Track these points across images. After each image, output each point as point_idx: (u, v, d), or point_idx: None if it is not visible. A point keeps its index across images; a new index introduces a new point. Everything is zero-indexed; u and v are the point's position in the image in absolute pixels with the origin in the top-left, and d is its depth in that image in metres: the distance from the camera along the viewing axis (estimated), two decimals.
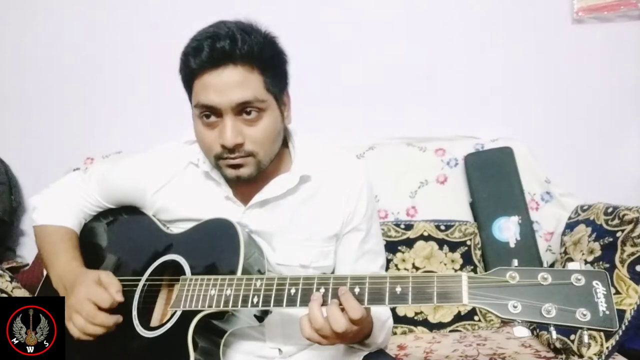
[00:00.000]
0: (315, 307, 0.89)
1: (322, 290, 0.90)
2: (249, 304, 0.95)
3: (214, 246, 1.08)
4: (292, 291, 0.92)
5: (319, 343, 0.91)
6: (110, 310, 1.04)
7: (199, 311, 1.00)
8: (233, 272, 1.01)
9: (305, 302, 0.91)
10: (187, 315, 1.01)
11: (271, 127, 1.05)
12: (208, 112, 1.02)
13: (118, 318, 1.04)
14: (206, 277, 1.02)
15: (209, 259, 1.07)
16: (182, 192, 1.18)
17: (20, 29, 2.15)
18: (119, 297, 1.05)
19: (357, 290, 0.88)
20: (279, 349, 1.17)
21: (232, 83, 0.98)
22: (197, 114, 1.04)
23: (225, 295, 0.98)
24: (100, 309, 1.03)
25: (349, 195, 1.15)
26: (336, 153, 1.21)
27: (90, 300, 1.03)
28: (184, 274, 1.07)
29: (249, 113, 1.01)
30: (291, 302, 0.92)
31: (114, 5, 2.11)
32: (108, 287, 1.05)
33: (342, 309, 0.87)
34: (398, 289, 0.85)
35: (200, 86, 1.00)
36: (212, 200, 1.15)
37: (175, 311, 1.03)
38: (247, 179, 1.06)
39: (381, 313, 1.11)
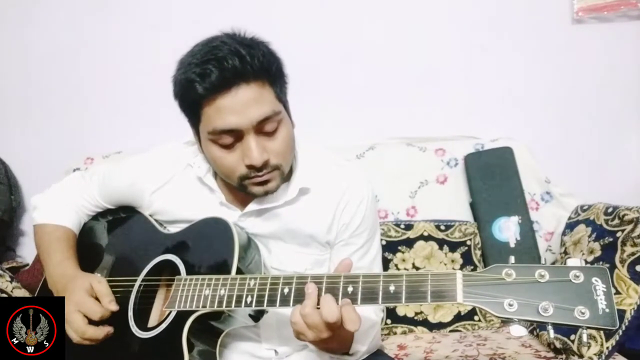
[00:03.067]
0: (311, 297, 0.87)
1: None
2: (243, 304, 0.94)
3: (209, 246, 1.08)
4: (286, 291, 0.92)
5: (302, 335, 0.89)
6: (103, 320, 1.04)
7: (194, 311, 0.99)
8: (227, 273, 1.00)
9: (298, 301, 0.90)
10: (182, 316, 1.00)
11: (289, 136, 1.05)
12: (228, 137, 0.99)
13: (109, 330, 1.04)
14: (200, 277, 1.01)
15: (204, 259, 1.07)
16: (180, 194, 1.18)
17: (20, 29, 2.15)
18: (113, 307, 1.04)
19: (350, 289, 0.87)
20: (275, 350, 1.17)
21: (248, 102, 0.96)
22: (210, 139, 1.01)
23: (219, 295, 0.97)
24: (92, 320, 1.03)
25: (345, 206, 1.15)
26: (340, 164, 1.20)
27: (80, 313, 1.03)
28: (180, 274, 1.07)
29: (268, 128, 1.00)
30: (284, 301, 0.91)
31: (114, 5, 2.11)
32: (101, 298, 1.05)
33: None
34: (392, 288, 0.84)
35: (213, 111, 0.97)
36: (208, 204, 1.15)
37: (171, 311, 1.03)
38: (275, 191, 1.06)
39: (362, 323, 1.09)
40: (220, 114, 0.96)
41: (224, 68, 0.94)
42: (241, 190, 1.07)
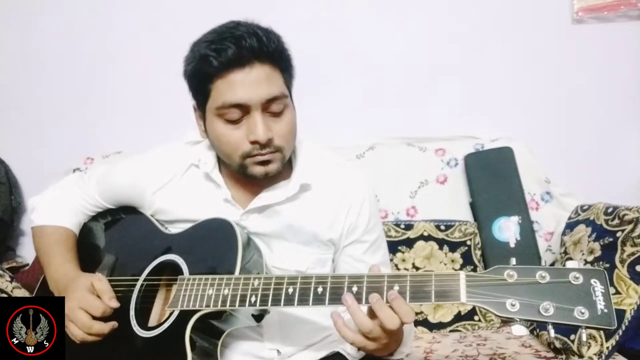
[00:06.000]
0: (357, 311, 0.86)
1: (320, 289, 0.90)
2: (247, 304, 0.95)
3: (212, 246, 1.08)
4: (290, 290, 0.92)
5: (364, 348, 0.89)
6: (105, 316, 1.04)
7: (197, 311, 0.99)
8: (231, 272, 1.00)
9: (302, 301, 0.90)
10: (184, 315, 1.00)
11: (294, 121, 1.08)
12: (236, 111, 1.01)
13: (114, 324, 1.05)
14: (204, 276, 1.01)
15: (207, 259, 1.07)
16: (181, 193, 1.18)
17: (20, 29, 2.15)
18: (114, 304, 1.05)
19: (354, 289, 0.87)
20: (278, 350, 1.17)
21: (259, 80, 1.00)
22: (217, 114, 1.03)
23: (222, 294, 0.97)
24: (94, 317, 1.03)
25: (350, 206, 1.16)
26: (340, 163, 1.21)
27: (82, 310, 1.03)
28: (182, 274, 1.07)
29: (274, 108, 1.03)
30: (289, 301, 0.91)
31: (114, 6, 2.12)
32: (102, 295, 1.05)
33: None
34: (396, 288, 0.85)
35: (225, 86, 1.00)
36: (211, 202, 1.15)
37: (173, 311, 1.03)
38: (274, 174, 1.08)
39: None
40: (232, 88, 1.00)
41: (241, 46, 0.98)
42: (241, 171, 1.08)
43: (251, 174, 1.07)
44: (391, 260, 1.78)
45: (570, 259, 1.62)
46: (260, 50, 0.99)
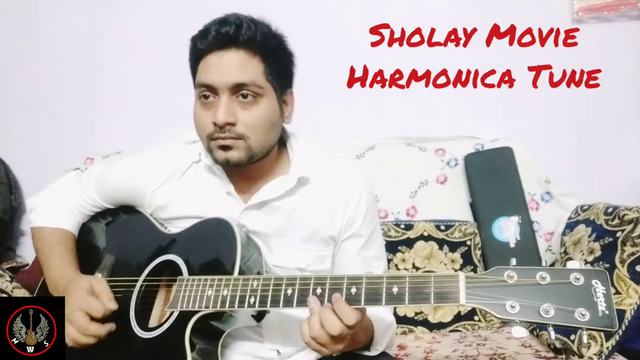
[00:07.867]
0: (313, 314, 0.89)
1: (319, 290, 0.90)
2: (246, 305, 0.95)
3: (211, 246, 1.08)
4: (289, 292, 0.92)
5: (319, 352, 0.91)
6: (104, 318, 1.04)
7: (196, 312, 0.99)
8: (230, 273, 1.01)
9: (301, 302, 0.90)
10: (184, 316, 1.01)
11: (266, 116, 1.07)
12: (207, 92, 1.04)
13: (111, 327, 1.05)
14: (203, 277, 1.01)
15: (206, 260, 1.07)
16: (182, 190, 1.18)
17: (20, 29, 2.15)
18: (112, 305, 1.05)
19: (353, 290, 0.87)
20: (277, 351, 1.17)
21: (232, 65, 1.03)
22: (197, 94, 1.07)
23: (222, 295, 0.97)
24: (93, 318, 1.03)
25: (347, 200, 1.16)
26: (337, 158, 1.21)
27: (82, 311, 1.03)
28: (182, 274, 1.07)
29: (245, 96, 1.04)
30: (288, 302, 0.92)
31: (114, 6, 2.12)
32: (100, 296, 1.05)
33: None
34: (395, 289, 0.85)
35: (203, 66, 1.05)
36: (213, 196, 1.15)
37: (173, 312, 1.03)
38: (237, 164, 1.07)
39: (382, 318, 1.11)
40: (206, 69, 1.04)
41: (220, 32, 1.02)
42: (210, 154, 1.10)
43: (215, 158, 1.08)
44: (391, 260, 1.78)
45: (571, 259, 1.62)
46: (235, 36, 1.02)
